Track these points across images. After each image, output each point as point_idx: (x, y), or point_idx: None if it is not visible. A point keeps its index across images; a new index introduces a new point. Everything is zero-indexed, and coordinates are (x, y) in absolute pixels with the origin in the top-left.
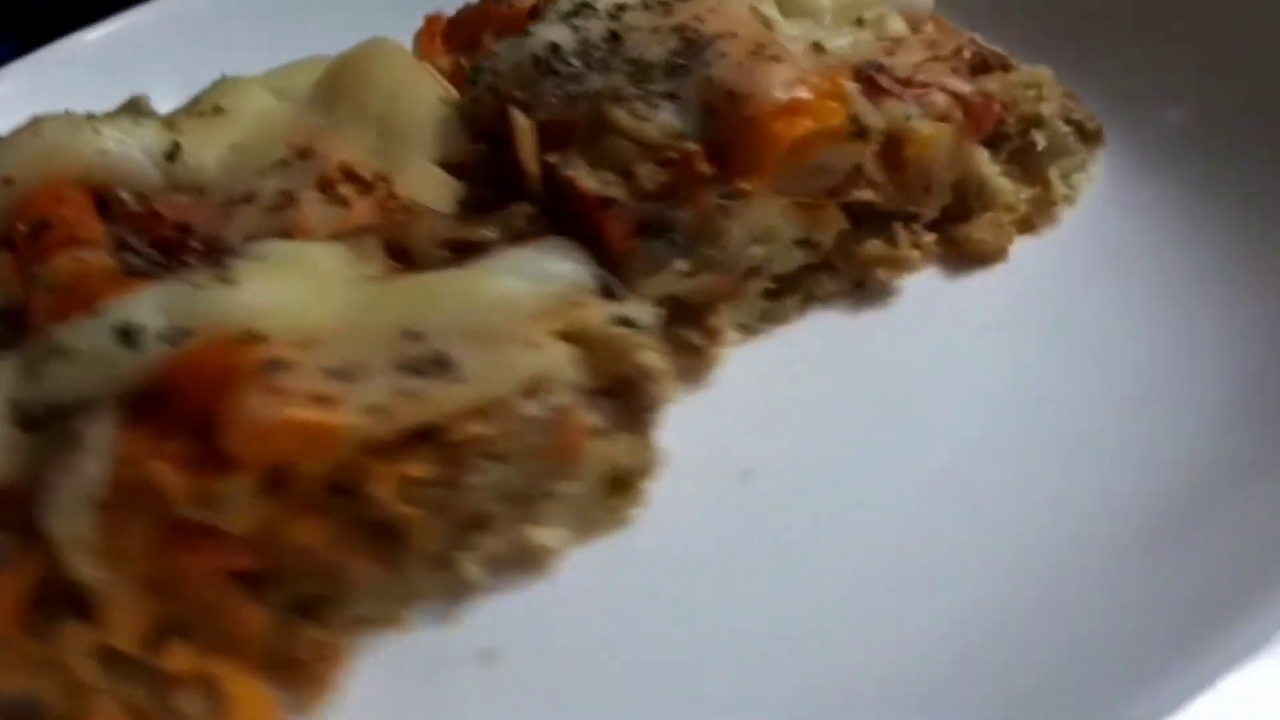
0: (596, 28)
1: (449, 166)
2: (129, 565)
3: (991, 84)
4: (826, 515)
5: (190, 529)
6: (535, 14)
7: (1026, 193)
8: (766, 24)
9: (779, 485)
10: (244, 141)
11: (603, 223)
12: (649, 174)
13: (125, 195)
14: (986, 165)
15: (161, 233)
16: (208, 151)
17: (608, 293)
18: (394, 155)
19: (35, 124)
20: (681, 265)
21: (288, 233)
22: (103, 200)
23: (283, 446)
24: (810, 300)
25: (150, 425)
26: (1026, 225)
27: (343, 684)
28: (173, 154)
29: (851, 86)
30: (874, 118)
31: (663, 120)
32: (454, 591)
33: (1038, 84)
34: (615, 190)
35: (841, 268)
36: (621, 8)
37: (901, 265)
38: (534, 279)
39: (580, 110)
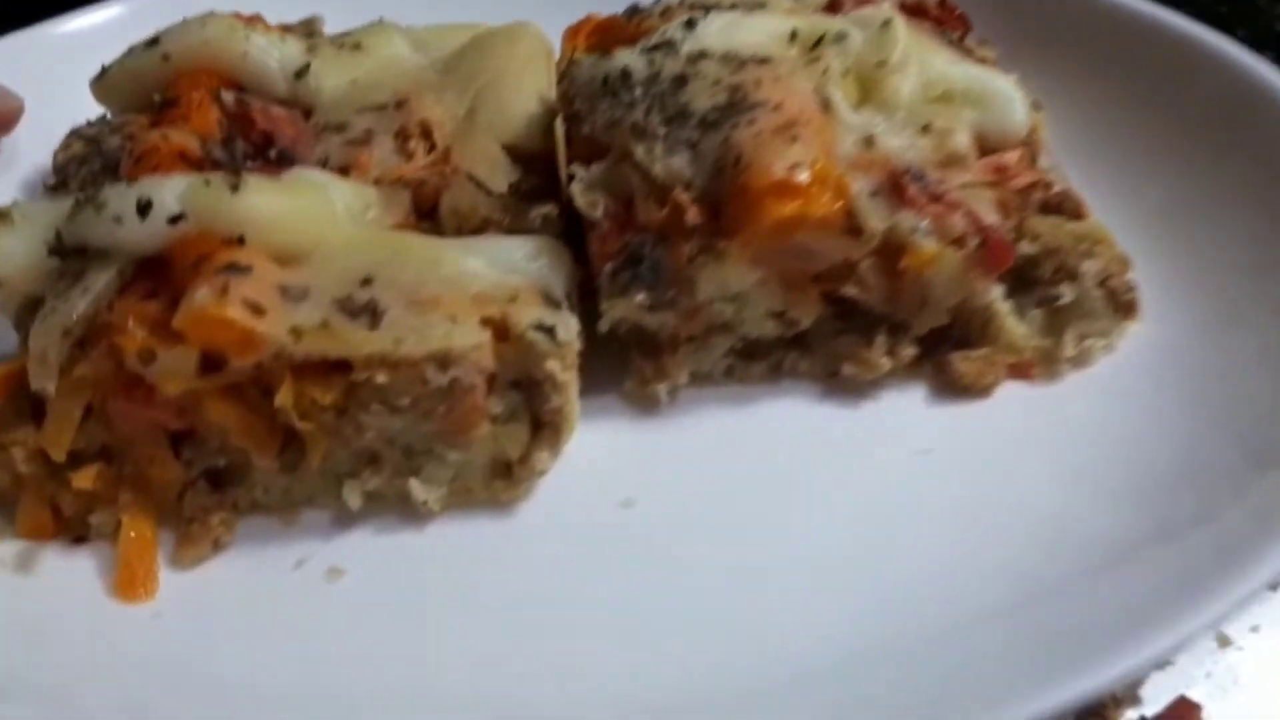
0: (670, 67)
1: (518, 153)
2: (79, 392)
3: (1042, 225)
4: (693, 551)
5: (137, 383)
6: None
7: (1037, 340)
8: (826, 105)
9: (654, 517)
10: (363, 79)
11: (587, 238)
12: (645, 209)
13: (228, 96)
14: (998, 302)
15: (249, 135)
16: (330, 79)
17: (553, 301)
18: (470, 127)
19: (205, 18)
20: (643, 299)
21: (349, 167)
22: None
23: (213, 335)
24: (778, 372)
25: (143, 287)
26: (1023, 371)
27: (213, 550)
28: (301, 73)
29: (862, 185)
30: (873, 220)
31: (674, 164)
32: (337, 512)
33: (1093, 239)
34: (603, 213)
35: (816, 351)
36: (703, 55)
37: (868, 367)
38: (498, 267)
39: (614, 135)
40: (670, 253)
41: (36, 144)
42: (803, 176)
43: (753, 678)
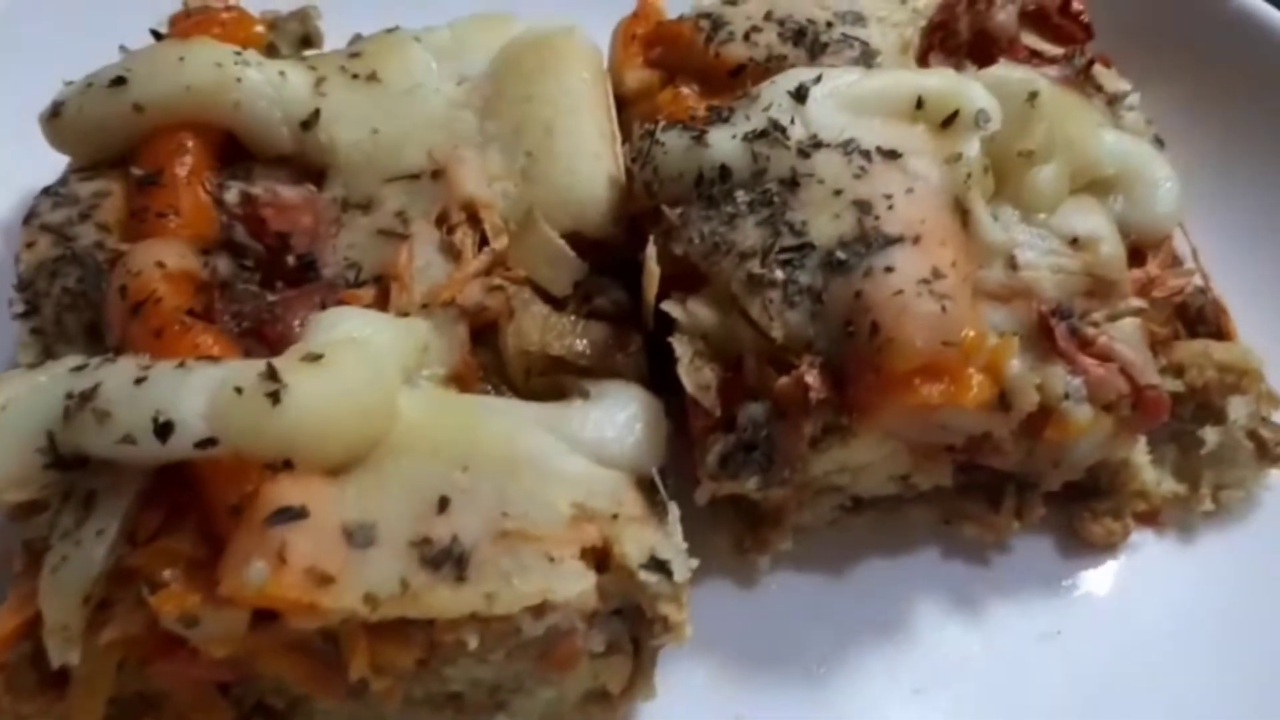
0: (778, 163)
1: (581, 241)
2: (108, 659)
3: (1186, 353)
4: None
5: (177, 642)
6: (739, 73)
7: (1170, 486)
8: (965, 219)
9: None
10: (385, 129)
11: (689, 411)
12: (759, 372)
13: (231, 192)
14: (1139, 455)
15: (261, 237)
16: (345, 129)
17: (657, 504)
18: (527, 220)
19: (182, 49)
20: (754, 484)
21: (384, 277)
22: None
23: (273, 606)
24: (889, 516)
25: (164, 507)
26: (1152, 519)
27: None
28: (309, 123)
29: (1015, 362)
30: (1026, 396)
31: (794, 322)
32: None
33: (1240, 370)
34: (708, 389)
35: (933, 503)
36: (816, 144)
37: (995, 532)
38: (585, 451)
39: (718, 268)
40: (789, 433)
41: None
42: (951, 356)
43: None
